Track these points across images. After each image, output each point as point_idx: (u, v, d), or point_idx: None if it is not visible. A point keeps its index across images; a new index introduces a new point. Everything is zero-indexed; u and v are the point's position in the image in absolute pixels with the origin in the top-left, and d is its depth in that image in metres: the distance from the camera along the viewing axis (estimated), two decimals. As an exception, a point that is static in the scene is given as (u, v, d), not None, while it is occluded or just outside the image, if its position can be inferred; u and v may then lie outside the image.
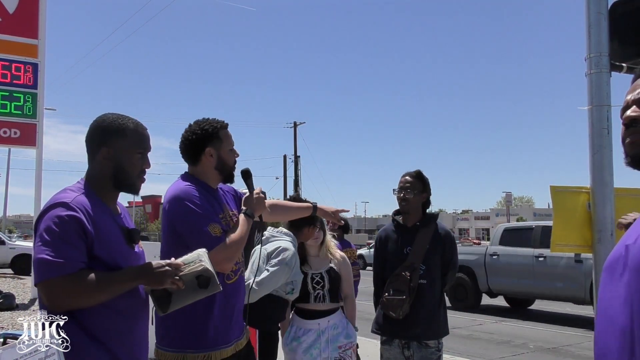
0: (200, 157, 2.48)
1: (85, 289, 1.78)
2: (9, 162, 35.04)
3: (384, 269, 3.50)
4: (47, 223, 1.82)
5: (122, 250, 1.98)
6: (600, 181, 3.27)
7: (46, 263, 1.75)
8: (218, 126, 2.50)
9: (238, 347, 2.48)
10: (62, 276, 1.75)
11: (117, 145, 2.01)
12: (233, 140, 2.55)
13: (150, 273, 1.89)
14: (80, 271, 1.79)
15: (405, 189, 3.41)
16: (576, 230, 3.37)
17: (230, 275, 2.41)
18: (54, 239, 1.78)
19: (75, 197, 1.89)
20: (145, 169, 2.09)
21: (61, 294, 1.77)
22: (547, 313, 12.07)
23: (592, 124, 3.29)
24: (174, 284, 1.90)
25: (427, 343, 3.31)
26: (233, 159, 2.55)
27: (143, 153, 2.07)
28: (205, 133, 2.47)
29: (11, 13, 8.45)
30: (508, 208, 35.14)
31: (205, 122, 2.51)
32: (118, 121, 2.04)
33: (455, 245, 3.58)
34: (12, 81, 8.50)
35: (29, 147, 8.43)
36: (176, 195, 2.38)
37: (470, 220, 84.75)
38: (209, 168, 2.49)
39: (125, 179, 2.03)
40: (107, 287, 1.82)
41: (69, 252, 1.78)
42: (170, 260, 1.96)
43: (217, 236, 2.30)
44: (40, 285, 1.78)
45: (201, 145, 2.48)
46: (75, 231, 1.81)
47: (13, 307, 9.94)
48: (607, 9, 3.32)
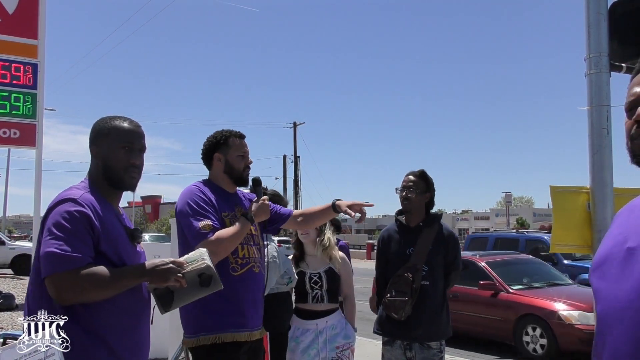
0: (211, 163, 2.82)
1: (92, 283, 1.80)
2: (9, 162, 35.05)
3: (386, 269, 3.50)
4: (56, 218, 1.84)
5: (127, 248, 2.00)
6: (600, 181, 3.27)
7: (56, 256, 1.77)
8: (228, 134, 2.81)
9: (251, 337, 2.66)
10: (71, 270, 1.77)
11: (102, 142, 2.07)
12: (246, 149, 2.84)
13: (155, 270, 1.91)
14: (88, 265, 1.80)
15: (408, 188, 3.40)
16: (576, 230, 3.38)
17: (235, 268, 2.64)
18: (63, 233, 1.80)
19: (82, 194, 1.93)
20: (134, 163, 2.08)
21: (69, 288, 1.78)
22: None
23: (592, 124, 3.29)
24: (177, 281, 1.92)
25: (429, 344, 3.30)
26: (242, 164, 2.81)
27: (128, 147, 2.07)
28: (215, 140, 2.81)
29: (11, 13, 8.46)
30: (508, 208, 35.14)
31: (219, 131, 2.84)
32: (105, 120, 2.10)
33: (459, 245, 3.57)
34: (12, 81, 8.50)
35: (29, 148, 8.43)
36: (181, 194, 2.72)
37: (470, 220, 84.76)
38: (219, 172, 2.80)
39: (112, 174, 2.06)
40: (114, 282, 1.84)
41: (78, 247, 1.80)
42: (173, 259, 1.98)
43: (205, 232, 2.54)
44: (49, 278, 1.79)
45: (212, 151, 2.81)
46: (83, 226, 1.84)
47: (13, 307, 9.95)
48: (607, 9, 3.32)
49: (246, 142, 2.88)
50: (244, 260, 2.68)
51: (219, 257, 2.52)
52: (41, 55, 8.53)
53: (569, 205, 3.40)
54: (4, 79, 8.40)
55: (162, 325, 4.24)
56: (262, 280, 2.82)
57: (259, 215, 2.78)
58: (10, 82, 8.47)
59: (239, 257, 2.67)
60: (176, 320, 3.53)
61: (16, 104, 8.44)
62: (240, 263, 2.67)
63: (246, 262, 2.69)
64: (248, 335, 2.65)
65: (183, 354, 3.38)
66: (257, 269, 2.76)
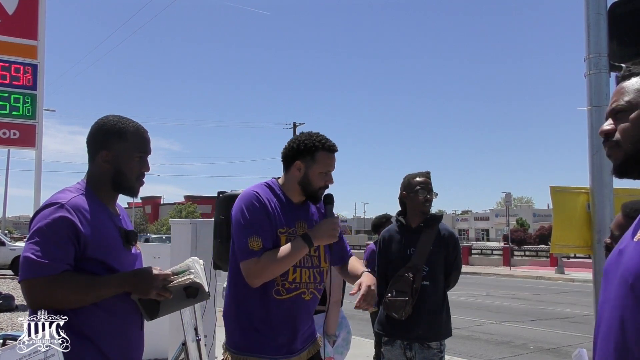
0: (290, 167, 2.48)
1: (65, 291, 1.79)
2: (9, 163, 35.08)
3: (387, 269, 3.50)
4: (38, 222, 1.83)
5: (118, 252, 1.97)
6: (599, 182, 3.27)
7: (30, 262, 1.77)
8: (319, 146, 2.45)
9: None
10: (44, 277, 1.76)
11: (117, 148, 2.01)
12: (332, 166, 2.50)
13: (135, 283, 1.90)
14: (62, 273, 1.79)
15: (429, 190, 3.43)
16: (576, 230, 3.37)
17: (280, 291, 2.37)
18: (41, 239, 1.79)
19: (71, 199, 1.89)
20: (144, 172, 2.09)
21: (39, 294, 1.78)
22: (547, 313, 12.07)
23: (592, 124, 3.29)
24: (160, 295, 1.93)
25: (429, 344, 3.31)
26: (322, 182, 2.48)
27: (142, 156, 2.07)
28: (302, 147, 2.45)
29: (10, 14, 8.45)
30: (507, 209, 35.03)
31: (312, 137, 2.48)
32: (119, 124, 2.04)
33: (459, 246, 3.59)
34: (12, 82, 8.49)
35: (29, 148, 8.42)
36: (240, 196, 2.43)
37: (469, 220, 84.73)
38: (293, 181, 2.47)
39: (124, 182, 2.04)
40: (89, 291, 1.83)
41: (55, 254, 1.78)
42: (159, 270, 1.97)
43: (252, 249, 2.29)
44: (22, 283, 1.79)
45: (294, 156, 2.47)
46: (65, 232, 1.81)
47: (12, 308, 9.94)
48: (606, 9, 3.32)
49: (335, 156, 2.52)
50: (293, 285, 2.39)
51: (263, 280, 2.32)
52: (41, 56, 8.52)
53: (569, 206, 3.40)
54: (3, 79, 8.39)
55: (162, 325, 4.23)
56: (312, 307, 2.52)
57: (322, 238, 2.42)
58: (10, 82, 8.46)
59: (287, 281, 2.37)
60: (176, 320, 3.52)
61: (16, 104, 8.43)
62: (287, 287, 2.38)
63: (295, 287, 2.40)
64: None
65: (183, 354, 3.38)
66: (309, 296, 2.45)
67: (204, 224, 4.61)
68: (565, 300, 14.75)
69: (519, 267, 28.09)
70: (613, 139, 1.26)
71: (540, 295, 16.15)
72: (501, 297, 15.42)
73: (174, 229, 5.16)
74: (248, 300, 2.38)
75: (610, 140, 1.27)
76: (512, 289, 18.04)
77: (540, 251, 33.26)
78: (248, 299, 2.38)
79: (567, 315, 11.65)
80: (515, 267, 27.76)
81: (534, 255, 32.04)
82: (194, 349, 3.38)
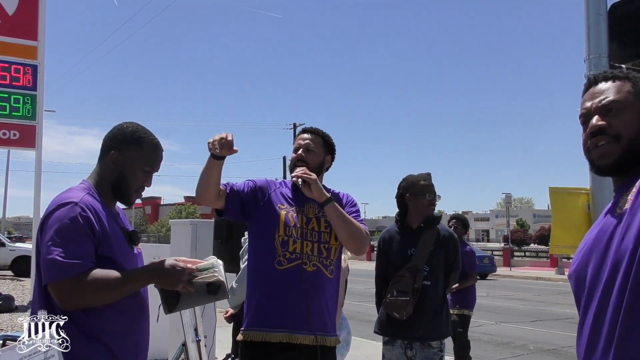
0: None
1: (95, 288, 1.78)
2: (9, 163, 35.03)
3: (387, 270, 3.51)
4: (56, 222, 1.81)
5: (125, 251, 1.98)
6: (599, 182, 3.27)
7: (56, 264, 1.75)
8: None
9: (292, 339, 2.42)
10: (72, 277, 1.75)
11: (129, 153, 2.03)
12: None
13: (165, 275, 1.90)
14: (89, 270, 1.79)
15: (434, 194, 3.48)
16: (575, 231, 3.37)
17: (281, 261, 2.48)
18: (64, 240, 1.78)
19: (83, 197, 1.90)
20: (145, 186, 2.11)
21: (72, 295, 1.77)
22: (548, 314, 12.07)
23: (592, 125, 3.29)
24: (184, 288, 1.93)
25: (429, 344, 3.32)
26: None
27: (149, 171, 2.08)
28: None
29: (10, 15, 8.46)
30: (508, 209, 35.07)
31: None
32: (140, 132, 2.06)
33: (459, 246, 3.61)
34: (12, 83, 8.49)
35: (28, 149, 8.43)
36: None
37: (469, 221, 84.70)
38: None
39: (124, 187, 2.05)
40: (119, 286, 1.83)
41: (79, 253, 1.78)
42: (185, 265, 1.97)
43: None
44: (51, 286, 1.78)
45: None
46: (83, 230, 1.82)
47: (12, 309, 9.93)
48: (606, 10, 3.32)
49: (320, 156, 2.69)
50: (294, 255, 2.47)
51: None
52: (41, 57, 8.52)
53: (569, 207, 3.40)
54: (3, 80, 8.39)
55: (162, 325, 4.22)
56: (319, 282, 2.51)
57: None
58: (10, 83, 8.46)
59: (288, 251, 2.47)
60: (176, 320, 3.52)
61: (16, 105, 8.43)
62: (288, 257, 2.47)
63: (296, 257, 2.47)
64: (285, 337, 2.41)
65: (183, 354, 3.38)
66: (311, 268, 2.48)
67: (204, 225, 4.61)
68: (566, 301, 14.73)
69: (519, 268, 28.12)
70: (611, 133, 1.25)
71: (540, 296, 16.16)
72: (501, 298, 15.43)
73: (174, 230, 5.16)
74: (256, 276, 2.51)
75: (607, 135, 1.26)
76: (512, 289, 18.05)
77: (540, 252, 33.30)
78: (257, 276, 2.51)
79: (567, 316, 11.64)
80: (515, 268, 27.79)
81: (534, 256, 32.07)
82: (194, 350, 3.38)
